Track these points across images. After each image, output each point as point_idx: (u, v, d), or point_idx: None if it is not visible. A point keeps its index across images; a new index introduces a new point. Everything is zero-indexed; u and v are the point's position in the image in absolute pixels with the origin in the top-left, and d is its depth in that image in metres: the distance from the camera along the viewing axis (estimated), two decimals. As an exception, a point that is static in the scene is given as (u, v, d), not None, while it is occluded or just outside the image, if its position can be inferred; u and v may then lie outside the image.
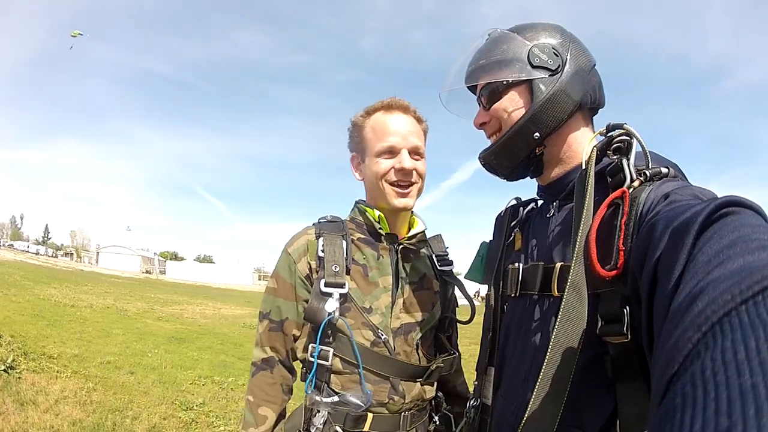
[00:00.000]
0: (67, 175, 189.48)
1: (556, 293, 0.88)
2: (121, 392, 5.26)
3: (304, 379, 1.26)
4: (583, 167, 0.85)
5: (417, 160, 1.30)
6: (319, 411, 1.18)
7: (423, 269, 1.39)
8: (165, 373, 6.41)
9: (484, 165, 1.04)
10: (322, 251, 1.25)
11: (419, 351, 1.29)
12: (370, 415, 1.20)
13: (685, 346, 0.33)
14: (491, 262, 1.14)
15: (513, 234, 1.10)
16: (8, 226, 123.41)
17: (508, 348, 1.00)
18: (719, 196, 0.55)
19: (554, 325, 0.75)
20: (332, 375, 1.22)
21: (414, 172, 1.28)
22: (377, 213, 1.32)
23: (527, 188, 1.12)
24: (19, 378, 5.13)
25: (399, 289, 1.30)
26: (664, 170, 0.78)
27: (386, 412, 1.22)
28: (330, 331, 1.21)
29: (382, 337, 1.23)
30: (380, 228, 1.32)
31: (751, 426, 0.25)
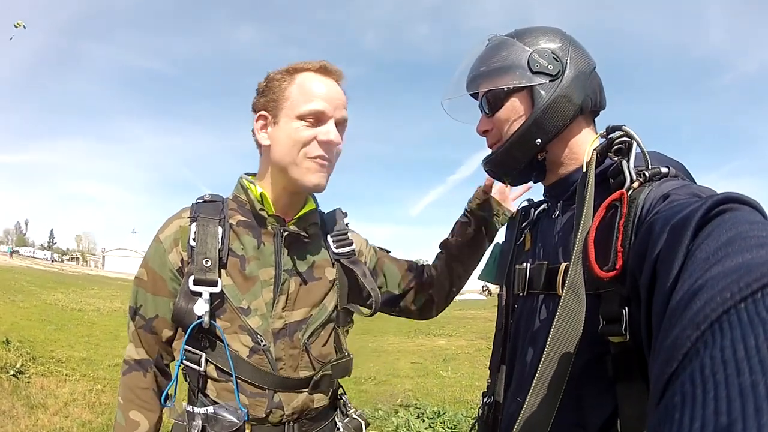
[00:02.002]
0: (71, 179, 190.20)
1: (560, 293, 0.88)
2: (129, 394, 5.30)
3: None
4: (584, 170, 0.86)
5: (340, 137, 1.14)
6: (193, 420, 1.06)
7: (313, 256, 1.20)
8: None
9: (487, 171, 1.06)
10: (194, 240, 1.09)
11: (309, 353, 1.14)
12: (248, 427, 1.08)
13: (683, 345, 0.33)
14: (502, 262, 1.15)
15: (523, 235, 1.10)
16: (13, 232, 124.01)
17: (517, 347, 1.01)
18: (718, 192, 0.55)
19: None
20: (208, 381, 1.10)
21: (334, 150, 1.13)
22: (259, 191, 1.15)
23: (539, 188, 1.12)
24: (29, 382, 5.19)
25: (283, 283, 1.13)
26: (664, 170, 0.78)
27: (267, 423, 1.10)
28: (201, 336, 1.08)
29: (262, 344, 1.08)
30: (261, 209, 1.14)
31: (750, 425, 0.25)
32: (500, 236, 1.34)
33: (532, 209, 1.12)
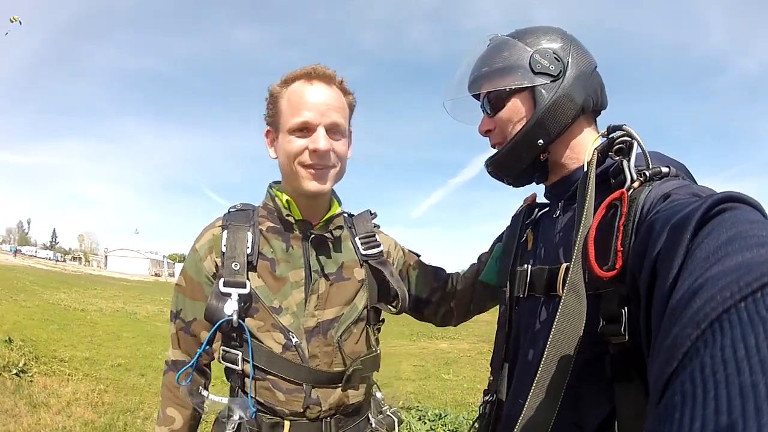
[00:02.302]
0: (74, 179, 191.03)
1: (561, 294, 0.88)
2: (132, 393, 5.32)
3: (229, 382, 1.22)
4: (585, 169, 0.86)
5: (336, 139, 1.15)
6: (231, 416, 1.13)
7: (342, 257, 1.25)
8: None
9: (490, 173, 1.06)
10: (225, 246, 1.16)
11: (342, 350, 1.18)
12: (287, 423, 1.13)
13: (683, 344, 0.33)
14: (504, 261, 1.14)
15: (526, 234, 1.10)
16: (15, 231, 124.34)
17: (518, 347, 1.00)
18: (719, 192, 0.55)
19: None
20: (246, 379, 1.15)
21: (331, 154, 1.14)
22: (285, 198, 1.20)
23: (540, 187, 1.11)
24: (31, 381, 5.20)
25: (313, 284, 1.18)
26: (665, 170, 0.78)
27: (305, 419, 1.14)
28: (234, 335, 1.14)
29: (294, 341, 1.13)
30: (288, 215, 1.20)
31: (751, 424, 0.25)
32: (496, 233, 1.32)
33: (536, 209, 1.12)
